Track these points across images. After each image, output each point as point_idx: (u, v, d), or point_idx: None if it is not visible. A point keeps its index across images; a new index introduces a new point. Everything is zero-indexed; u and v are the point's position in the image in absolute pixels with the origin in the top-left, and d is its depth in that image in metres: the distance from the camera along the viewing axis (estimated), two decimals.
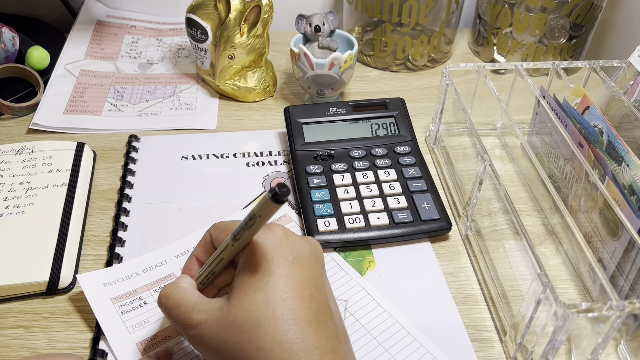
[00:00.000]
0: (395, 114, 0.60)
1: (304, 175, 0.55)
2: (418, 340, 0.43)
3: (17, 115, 0.65)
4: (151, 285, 0.46)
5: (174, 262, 0.48)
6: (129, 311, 0.44)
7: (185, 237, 0.50)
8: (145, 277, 0.47)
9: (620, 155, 0.47)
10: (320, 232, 0.50)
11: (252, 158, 0.60)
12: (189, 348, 0.42)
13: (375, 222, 0.51)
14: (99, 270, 0.47)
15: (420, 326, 0.44)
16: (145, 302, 0.45)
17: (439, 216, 0.52)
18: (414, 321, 0.45)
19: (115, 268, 0.47)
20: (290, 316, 0.32)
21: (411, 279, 0.48)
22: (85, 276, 0.46)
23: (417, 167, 0.56)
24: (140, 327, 0.43)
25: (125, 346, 0.42)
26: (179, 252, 0.49)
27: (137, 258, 0.48)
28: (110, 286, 0.45)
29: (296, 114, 0.60)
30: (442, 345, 0.43)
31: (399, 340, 0.43)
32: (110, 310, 0.44)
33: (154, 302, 0.45)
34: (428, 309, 0.46)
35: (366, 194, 0.53)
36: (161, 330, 0.43)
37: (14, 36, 0.68)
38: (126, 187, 0.55)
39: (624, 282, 0.44)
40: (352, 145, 0.58)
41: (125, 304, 0.44)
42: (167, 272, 0.47)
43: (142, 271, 0.47)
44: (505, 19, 0.73)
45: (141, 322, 0.43)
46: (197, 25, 0.65)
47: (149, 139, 0.62)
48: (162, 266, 0.48)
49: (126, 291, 0.45)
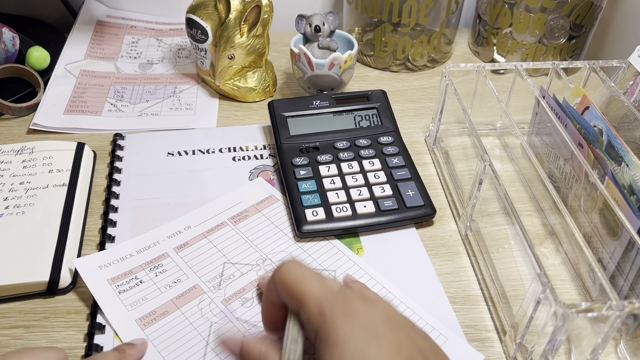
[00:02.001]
0: (377, 106, 0.62)
1: (290, 167, 0.56)
2: (404, 303, 0.46)
3: (17, 116, 0.65)
4: (145, 265, 0.48)
5: (166, 243, 0.50)
6: (126, 290, 0.46)
7: (177, 219, 0.52)
8: (139, 258, 0.48)
9: (620, 156, 0.47)
10: (308, 221, 0.51)
11: (238, 152, 0.61)
12: (187, 322, 0.44)
13: (362, 210, 0.52)
14: (95, 254, 0.48)
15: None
16: (141, 281, 0.46)
17: (424, 203, 0.53)
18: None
19: (110, 251, 0.48)
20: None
21: (399, 263, 0.50)
22: (82, 260, 0.47)
23: (401, 156, 0.57)
24: (138, 304, 0.45)
25: (126, 323, 0.43)
26: (170, 233, 0.51)
27: (129, 240, 0.50)
28: (106, 268, 0.47)
29: (280, 107, 0.61)
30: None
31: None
32: (108, 291, 0.45)
33: (150, 281, 0.47)
34: (415, 288, 0.47)
35: (352, 184, 0.54)
36: (159, 306, 0.45)
37: (14, 36, 0.68)
38: (113, 185, 0.55)
39: (623, 282, 0.44)
40: (337, 136, 0.59)
41: (121, 284, 0.46)
42: (160, 252, 0.49)
43: (135, 252, 0.49)
44: (505, 19, 0.73)
45: (139, 299, 0.45)
46: (197, 25, 0.65)
47: (133, 137, 0.62)
48: (155, 247, 0.49)
49: (122, 272, 0.47)
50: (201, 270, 0.48)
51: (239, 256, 0.49)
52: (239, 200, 0.54)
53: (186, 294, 0.46)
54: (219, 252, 0.49)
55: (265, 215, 0.53)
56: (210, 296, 0.46)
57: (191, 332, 0.43)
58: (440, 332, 0.44)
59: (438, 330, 0.44)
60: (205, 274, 0.47)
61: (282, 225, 0.52)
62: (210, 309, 0.45)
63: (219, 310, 0.45)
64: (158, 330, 0.43)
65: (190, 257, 0.49)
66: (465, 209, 0.52)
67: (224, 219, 0.52)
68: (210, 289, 0.46)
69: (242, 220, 0.52)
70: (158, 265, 0.48)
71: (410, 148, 0.61)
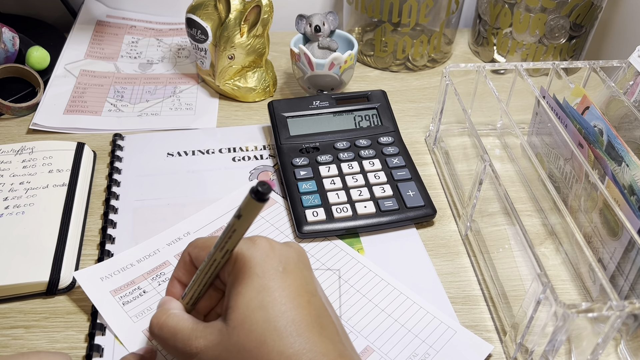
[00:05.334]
0: (377, 106, 0.62)
1: (290, 167, 0.56)
2: (411, 298, 0.46)
3: (17, 116, 0.65)
4: (147, 274, 0.47)
5: (167, 250, 0.49)
6: (130, 301, 0.45)
7: (175, 225, 0.52)
8: (140, 267, 0.48)
9: (620, 156, 0.47)
10: (309, 222, 0.51)
11: (238, 153, 0.61)
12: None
13: (362, 210, 0.52)
14: (95, 266, 0.47)
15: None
16: (144, 291, 0.46)
17: (424, 203, 0.53)
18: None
19: (110, 261, 0.48)
20: (293, 327, 0.32)
21: (399, 264, 0.50)
22: (82, 273, 0.46)
23: (401, 156, 0.57)
24: (143, 315, 0.44)
25: (133, 335, 0.43)
26: (170, 241, 0.50)
27: (129, 250, 0.49)
28: (107, 280, 0.46)
29: (280, 108, 0.61)
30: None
31: (392, 300, 0.46)
32: (111, 303, 0.44)
33: (154, 291, 0.46)
34: (416, 288, 0.48)
35: (352, 184, 0.54)
36: None
37: (14, 36, 0.68)
38: (113, 185, 0.55)
39: (623, 282, 0.44)
40: (337, 137, 0.59)
41: (125, 294, 0.45)
42: (161, 260, 0.48)
43: (136, 262, 0.48)
44: (505, 19, 0.73)
45: (143, 310, 0.44)
46: (197, 25, 0.65)
47: (133, 137, 0.62)
48: (155, 255, 0.49)
49: (124, 282, 0.46)
50: None
51: None
52: (236, 204, 0.54)
53: None
54: None
55: (265, 218, 0.53)
56: None
57: None
58: (448, 325, 0.44)
59: (446, 323, 0.44)
60: None
61: (282, 227, 0.52)
62: None
63: None
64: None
65: None
66: (466, 209, 0.52)
67: (223, 223, 0.52)
68: None
69: None
70: (160, 274, 0.47)
71: (410, 148, 0.61)
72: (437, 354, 0.42)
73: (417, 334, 0.44)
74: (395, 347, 0.43)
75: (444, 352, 0.42)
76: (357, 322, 0.44)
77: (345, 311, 0.45)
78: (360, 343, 0.43)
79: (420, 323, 0.44)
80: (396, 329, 0.44)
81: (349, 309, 0.45)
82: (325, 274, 0.48)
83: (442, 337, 0.43)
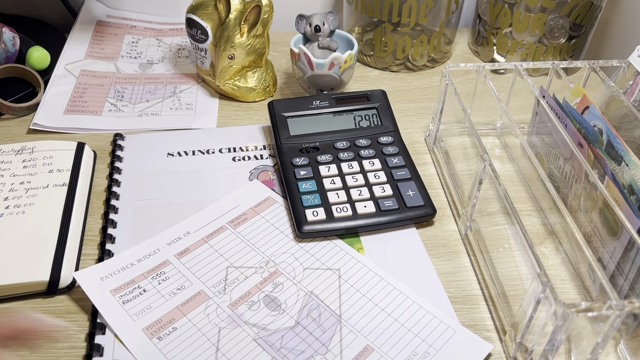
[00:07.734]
0: (377, 106, 0.62)
1: (290, 167, 0.56)
2: (410, 297, 0.46)
3: (17, 116, 0.65)
4: (147, 273, 0.47)
5: (167, 250, 0.49)
6: (130, 300, 0.45)
7: (175, 225, 0.52)
8: (140, 267, 0.48)
9: (619, 155, 0.47)
10: (309, 222, 0.51)
11: (238, 153, 0.61)
12: (195, 329, 0.43)
13: (362, 210, 0.52)
14: (95, 266, 0.47)
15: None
16: (144, 289, 0.46)
17: (424, 202, 0.53)
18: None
19: (110, 261, 0.48)
20: None
21: (399, 263, 0.50)
22: (82, 273, 0.46)
23: (401, 156, 0.57)
24: (143, 313, 0.44)
25: (133, 334, 0.43)
26: (169, 240, 0.50)
27: (129, 250, 0.49)
28: (107, 279, 0.46)
29: (280, 107, 0.61)
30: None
31: (392, 300, 0.46)
32: (111, 302, 0.45)
33: (153, 289, 0.46)
34: (416, 287, 0.48)
35: (352, 184, 0.54)
36: (165, 314, 0.44)
37: (14, 36, 0.68)
38: (113, 185, 0.55)
39: (623, 282, 0.44)
40: (337, 137, 0.59)
41: (125, 294, 0.45)
42: (161, 259, 0.49)
43: (136, 261, 0.48)
44: (505, 19, 0.73)
45: (144, 309, 0.45)
46: (197, 25, 0.65)
47: (133, 137, 0.62)
48: (156, 254, 0.49)
49: (124, 282, 0.46)
50: (205, 276, 0.47)
51: (241, 259, 0.49)
52: (236, 204, 0.54)
53: (191, 301, 0.45)
54: (221, 256, 0.49)
55: (265, 218, 0.53)
56: (216, 301, 0.45)
57: (200, 338, 0.43)
58: (448, 324, 0.44)
59: (446, 323, 0.44)
60: (209, 279, 0.47)
61: (282, 227, 0.52)
62: (217, 314, 0.44)
63: (226, 315, 0.44)
64: (166, 339, 0.42)
65: (192, 263, 0.48)
66: (465, 208, 0.52)
67: (223, 223, 0.52)
68: (216, 294, 0.46)
69: (241, 223, 0.52)
70: (160, 273, 0.47)
71: (410, 148, 0.61)
72: (437, 353, 0.42)
73: (417, 333, 0.44)
74: (395, 347, 0.43)
75: (443, 352, 0.42)
76: (357, 321, 0.44)
77: (345, 311, 0.45)
78: (360, 342, 0.43)
79: (420, 322, 0.44)
80: (396, 328, 0.44)
81: (349, 308, 0.45)
82: (325, 273, 0.48)
83: (442, 337, 0.43)
